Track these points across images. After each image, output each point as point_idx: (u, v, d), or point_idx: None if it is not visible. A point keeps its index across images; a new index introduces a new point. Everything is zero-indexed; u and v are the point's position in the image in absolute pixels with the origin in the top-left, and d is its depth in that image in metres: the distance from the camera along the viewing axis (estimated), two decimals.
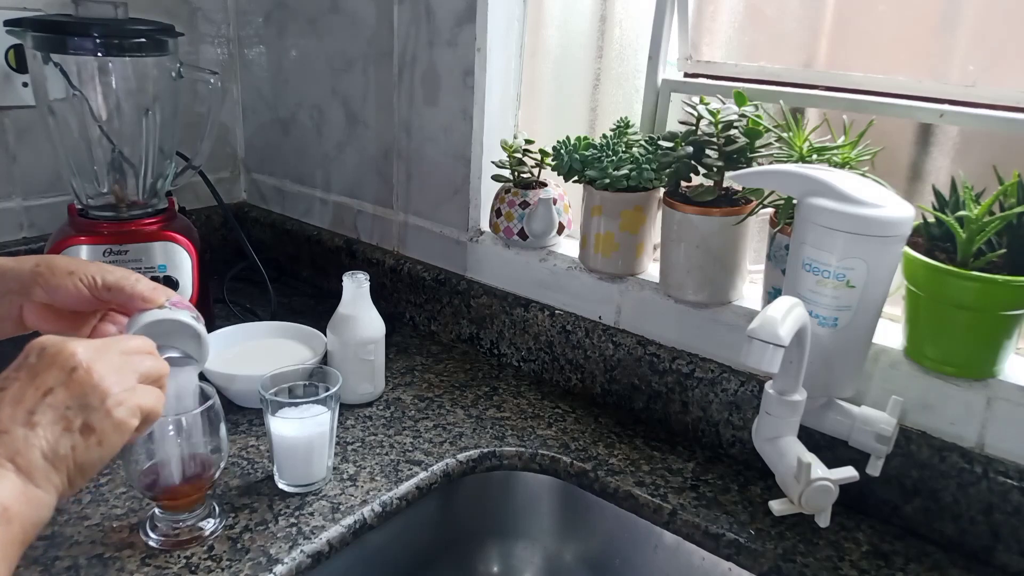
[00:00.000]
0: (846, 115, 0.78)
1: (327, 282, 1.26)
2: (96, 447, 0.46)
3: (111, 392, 0.47)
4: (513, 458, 0.85)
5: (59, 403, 0.45)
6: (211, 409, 0.67)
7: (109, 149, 0.99)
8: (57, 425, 0.44)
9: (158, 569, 0.64)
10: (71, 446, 0.45)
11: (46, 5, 1.03)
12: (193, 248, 0.99)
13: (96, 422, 0.46)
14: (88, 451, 0.45)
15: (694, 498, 0.78)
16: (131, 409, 0.48)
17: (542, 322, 0.99)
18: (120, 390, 0.47)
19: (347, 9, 1.12)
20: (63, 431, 0.45)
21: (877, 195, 0.65)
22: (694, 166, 0.83)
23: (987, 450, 0.70)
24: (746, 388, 0.82)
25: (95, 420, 0.46)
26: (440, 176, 1.08)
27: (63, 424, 0.45)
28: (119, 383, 0.47)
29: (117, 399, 0.47)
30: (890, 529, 0.75)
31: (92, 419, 0.46)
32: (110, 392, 0.47)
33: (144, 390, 0.50)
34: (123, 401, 0.47)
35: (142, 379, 0.50)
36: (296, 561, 0.67)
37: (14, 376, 0.45)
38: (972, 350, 0.69)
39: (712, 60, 0.91)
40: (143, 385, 0.50)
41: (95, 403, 0.46)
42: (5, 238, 1.09)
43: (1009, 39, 0.72)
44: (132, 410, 0.48)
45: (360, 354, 0.89)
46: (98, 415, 0.46)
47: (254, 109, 1.34)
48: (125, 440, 0.48)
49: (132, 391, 0.48)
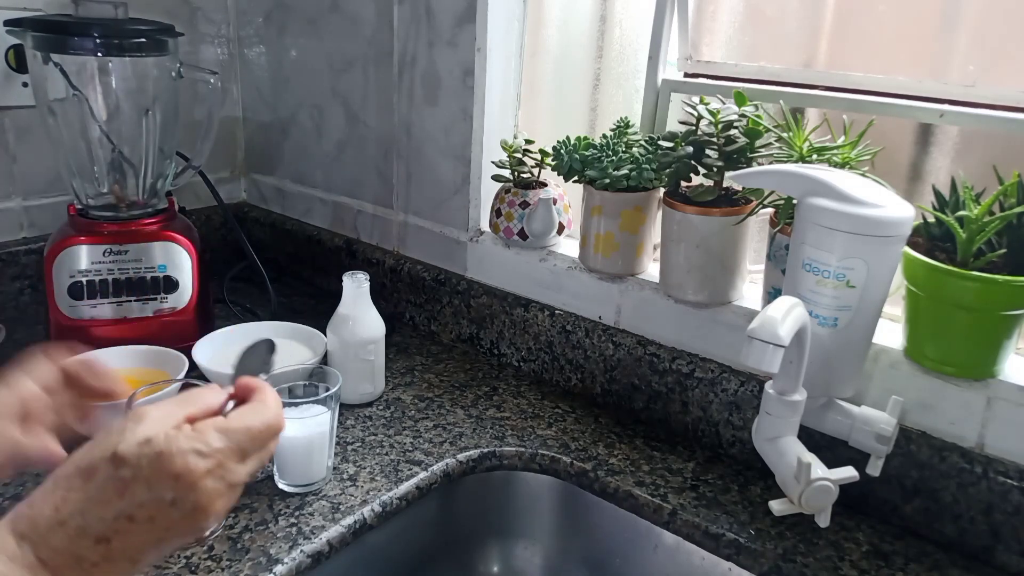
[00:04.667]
0: (846, 115, 0.78)
1: (327, 282, 1.26)
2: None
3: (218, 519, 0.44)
4: (513, 458, 0.85)
5: (166, 540, 0.42)
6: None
7: (109, 149, 0.99)
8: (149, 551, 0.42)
9: (158, 569, 0.64)
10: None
11: (46, 5, 1.03)
12: (193, 248, 0.99)
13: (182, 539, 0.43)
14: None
15: (694, 498, 0.78)
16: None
17: (542, 322, 0.99)
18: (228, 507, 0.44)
19: (347, 9, 1.12)
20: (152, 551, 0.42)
21: (877, 195, 0.65)
22: (694, 166, 0.83)
23: (987, 450, 0.70)
24: (746, 388, 0.82)
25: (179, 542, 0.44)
26: (440, 176, 1.08)
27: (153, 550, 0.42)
28: (232, 498, 0.44)
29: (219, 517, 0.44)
30: (890, 529, 0.75)
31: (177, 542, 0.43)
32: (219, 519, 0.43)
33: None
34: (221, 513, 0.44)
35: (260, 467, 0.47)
36: (296, 561, 0.67)
37: (138, 497, 0.40)
38: (972, 350, 0.69)
39: (712, 60, 0.91)
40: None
41: (199, 528, 0.43)
42: (5, 238, 1.09)
43: (1009, 39, 0.72)
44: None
45: (360, 354, 0.89)
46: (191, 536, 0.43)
47: (254, 109, 1.34)
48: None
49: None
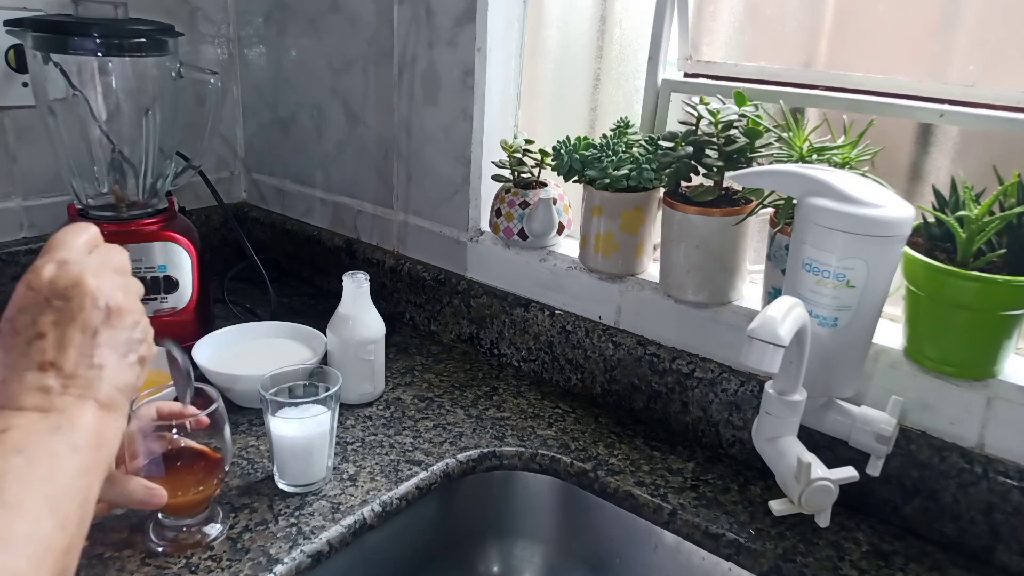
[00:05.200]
0: (846, 115, 0.78)
1: (327, 282, 1.26)
2: (143, 373, 0.52)
3: (141, 323, 0.52)
4: (513, 458, 0.85)
5: (110, 341, 0.49)
6: (216, 412, 0.67)
7: (109, 149, 0.99)
8: (117, 361, 0.49)
9: (158, 569, 0.64)
10: (135, 375, 0.50)
11: (46, 5, 1.03)
12: (193, 248, 0.99)
13: (144, 351, 0.51)
14: (139, 378, 0.51)
15: (694, 498, 0.78)
16: (151, 332, 0.53)
17: (542, 322, 0.99)
18: (143, 318, 0.52)
19: (347, 9, 1.12)
20: (124, 365, 0.49)
21: (877, 195, 0.65)
22: (694, 166, 0.83)
23: (987, 450, 0.70)
24: (746, 388, 0.82)
25: (142, 350, 0.51)
26: (440, 176, 1.08)
27: (121, 359, 0.49)
28: (139, 310, 0.52)
29: (145, 328, 0.52)
30: (890, 529, 0.75)
31: (140, 350, 0.51)
32: (140, 323, 0.51)
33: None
34: (148, 327, 0.52)
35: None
36: (296, 561, 0.67)
37: (42, 319, 0.47)
38: (972, 350, 0.69)
39: (712, 60, 0.91)
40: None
41: (138, 336, 0.51)
42: (5, 238, 1.09)
43: (1009, 39, 0.72)
44: (151, 332, 0.53)
45: (360, 354, 0.89)
46: (144, 346, 0.51)
47: (254, 109, 1.34)
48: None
49: (143, 314, 0.53)
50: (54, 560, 0.40)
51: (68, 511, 0.42)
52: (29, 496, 0.41)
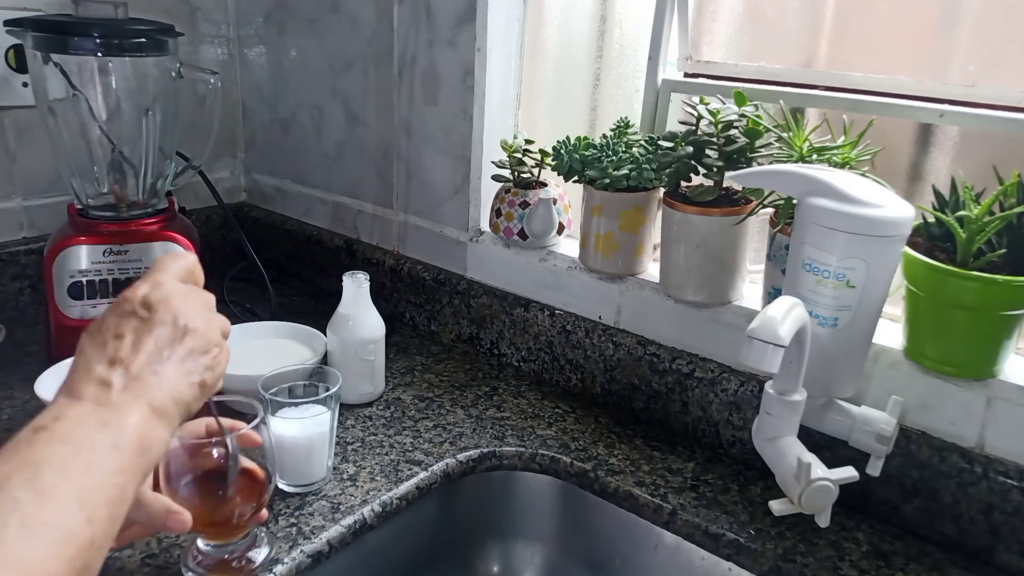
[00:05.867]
0: (846, 115, 0.78)
1: (327, 282, 1.26)
2: (203, 397, 0.53)
3: (213, 353, 0.54)
4: (513, 458, 0.85)
5: (178, 356, 0.51)
6: (260, 428, 0.64)
7: (109, 149, 0.99)
8: (180, 375, 0.51)
9: (158, 569, 0.64)
10: (193, 395, 0.52)
11: (46, 5, 1.03)
12: (193, 248, 0.99)
13: (208, 378, 0.53)
14: (196, 400, 0.53)
15: (694, 498, 0.78)
16: (224, 367, 0.55)
17: (542, 322, 0.99)
18: (220, 352, 0.54)
19: (347, 9, 1.12)
20: (185, 381, 0.51)
21: (877, 195, 0.65)
22: (694, 166, 0.83)
23: (987, 450, 0.70)
24: (746, 388, 0.82)
25: (208, 377, 0.53)
26: (440, 176, 1.08)
27: (185, 375, 0.51)
28: (217, 342, 0.54)
29: (217, 358, 0.54)
30: (890, 529, 0.75)
31: (205, 375, 0.53)
32: (213, 353, 0.53)
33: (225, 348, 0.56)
34: (222, 361, 0.55)
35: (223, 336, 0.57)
36: (296, 561, 0.67)
37: (126, 324, 0.51)
38: (972, 350, 0.69)
39: (712, 60, 0.91)
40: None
41: (207, 362, 0.53)
42: (5, 238, 1.09)
43: (1009, 39, 0.72)
44: (224, 368, 0.55)
45: (360, 354, 0.89)
46: (210, 373, 0.53)
47: (254, 109, 1.34)
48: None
49: (221, 350, 0.55)
50: (76, 551, 0.41)
51: (97, 506, 0.43)
52: (63, 486, 0.42)
